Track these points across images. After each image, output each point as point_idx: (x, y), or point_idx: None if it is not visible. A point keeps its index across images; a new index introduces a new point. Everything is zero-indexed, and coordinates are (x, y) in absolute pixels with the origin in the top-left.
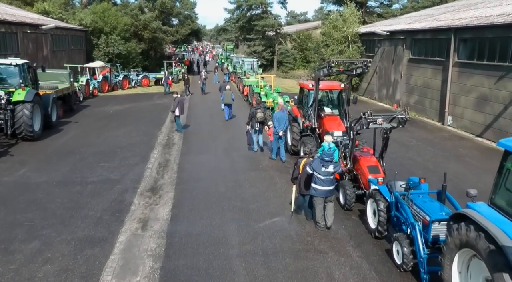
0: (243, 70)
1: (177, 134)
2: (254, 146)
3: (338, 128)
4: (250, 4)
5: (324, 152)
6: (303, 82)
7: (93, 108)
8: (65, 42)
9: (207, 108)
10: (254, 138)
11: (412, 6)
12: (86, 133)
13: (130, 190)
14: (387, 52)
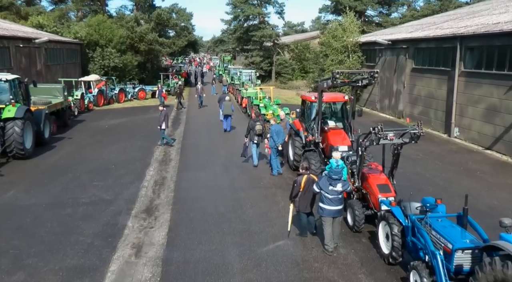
0: (241, 82)
1: (174, 149)
2: (254, 160)
3: (343, 143)
4: (247, 14)
5: (331, 169)
6: (305, 95)
7: (88, 123)
8: (59, 56)
9: (205, 121)
10: (254, 151)
11: (411, 15)
12: (80, 150)
13: (124, 212)
14: (388, 61)
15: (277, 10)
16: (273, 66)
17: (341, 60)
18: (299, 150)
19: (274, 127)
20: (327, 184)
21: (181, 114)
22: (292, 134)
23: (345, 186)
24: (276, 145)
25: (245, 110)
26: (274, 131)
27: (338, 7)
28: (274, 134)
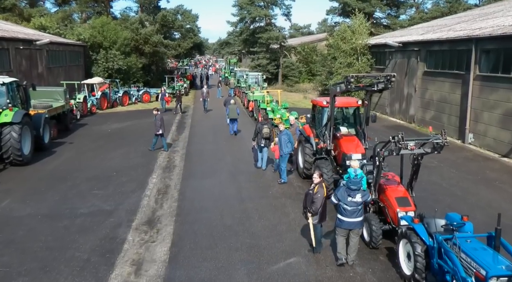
0: (248, 85)
1: (178, 155)
2: (259, 163)
3: (357, 151)
4: (254, 16)
5: (350, 179)
6: (316, 99)
7: (90, 127)
8: (62, 58)
9: (210, 125)
10: (259, 155)
11: (420, 17)
12: (81, 156)
13: (124, 224)
14: (399, 64)
15: (283, 12)
16: (280, 68)
17: (350, 63)
18: (309, 157)
19: (283, 133)
20: (346, 195)
21: (186, 118)
22: (302, 140)
23: (365, 196)
24: (284, 153)
25: (251, 113)
26: (283, 137)
27: (346, 9)
28: (283, 141)
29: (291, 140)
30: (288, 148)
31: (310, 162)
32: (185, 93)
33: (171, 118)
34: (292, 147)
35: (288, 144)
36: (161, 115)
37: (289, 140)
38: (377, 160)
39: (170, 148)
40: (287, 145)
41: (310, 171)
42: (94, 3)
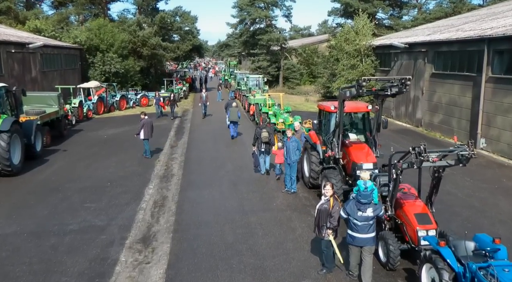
0: (248, 87)
1: (176, 163)
2: (262, 168)
3: (368, 160)
4: (254, 17)
5: (360, 192)
6: (323, 104)
7: (86, 133)
8: (57, 62)
9: (210, 130)
10: (261, 160)
11: (423, 18)
12: (74, 164)
13: (117, 242)
14: (405, 66)
15: (284, 13)
16: (281, 71)
17: (354, 64)
18: (316, 166)
19: (291, 141)
20: (355, 209)
21: (185, 123)
22: (308, 148)
23: (376, 210)
24: (292, 161)
25: (252, 117)
26: (291, 145)
27: (348, 10)
28: (291, 148)
29: (299, 147)
30: (296, 156)
31: (316, 171)
32: (184, 97)
33: (169, 123)
34: (300, 154)
35: (297, 151)
36: (147, 120)
37: (298, 147)
38: (394, 173)
39: (167, 157)
40: (295, 153)
41: (317, 181)
42: (91, 5)
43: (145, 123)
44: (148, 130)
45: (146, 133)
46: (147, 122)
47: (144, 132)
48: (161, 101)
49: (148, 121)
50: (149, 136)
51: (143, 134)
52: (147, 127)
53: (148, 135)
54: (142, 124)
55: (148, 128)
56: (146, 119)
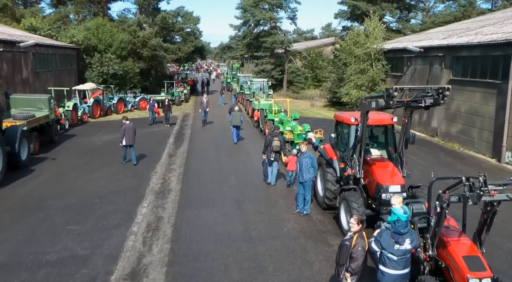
0: (252, 92)
1: (174, 176)
2: (269, 178)
3: (394, 181)
4: (258, 19)
5: (397, 222)
6: (341, 115)
7: (79, 138)
8: (51, 62)
9: (212, 138)
10: (268, 170)
11: (432, 21)
12: (62, 176)
13: (100, 278)
14: (419, 72)
15: (289, 15)
16: (285, 74)
17: (363, 69)
18: (332, 185)
19: (305, 156)
20: (392, 242)
21: (185, 129)
22: (323, 164)
23: (414, 241)
24: (305, 180)
25: (257, 124)
26: (304, 161)
27: (356, 12)
28: (304, 165)
29: (314, 164)
30: (310, 174)
31: (333, 191)
32: (185, 100)
33: (169, 130)
34: (315, 172)
35: (311, 168)
36: (128, 125)
37: (312, 164)
38: (438, 206)
39: (165, 168)
40: (309, 170)
41: (333, 202)
42: (91, 4)
43: (126, 129)
44: (130, 136)
45: (128, 139)
46: (128, 127)
47: (126, 139)
48: (155, 107)
49: (129, 127)
50: (131, 142)
51: (125, 141)
52: (129, 133)
53: (130, 141)
54: (123, 130)
55: (130, 134)
56: (127, 125)
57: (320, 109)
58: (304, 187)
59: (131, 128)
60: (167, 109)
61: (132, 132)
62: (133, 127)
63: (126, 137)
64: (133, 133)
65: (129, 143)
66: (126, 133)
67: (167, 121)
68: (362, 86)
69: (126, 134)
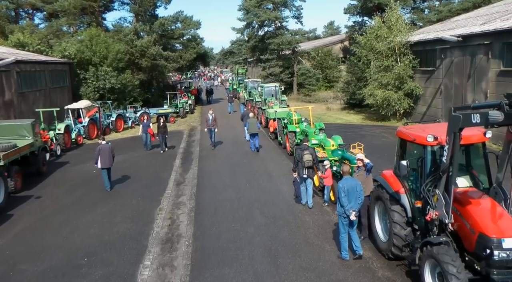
0: (263, 99)
1: (184, 214)
2: (303, 199)
3: (509, 231)
4: (262, 20)
5: None
6: (411, 132)
7: (71, 166)
8: (39, 80)
9: (225, 156)
10: (302, 189)
11: (448, 9)
12: (45, 223)
13: None
14: (457, 64)
15: (294, 14)
16: (295, 76)
17: (388, 66)
18: (401, 229)
19: (345, 181)
20: None
21: (192, 145)
22: (385, 199)
23: None
24: (347, 212)
25: (273, 136)
26: (344, 188)
27: (367, 6)
28: (342, 193)
29: (356, 192)
30: (352, 204)
31: (402, 237)
32: (190, 111)
33: (174, 149)
34: (360, 203)
35: (350, 197)
36: (104, 146)
37: (351, 192)
38: None
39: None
40: (348, 199)
41: (403, 251)
42: (83, 15)
43: (101, 150)
44: (106, 158)
45: (103, 162)
46: (104, 148)
47: (102, 161)
48: (150, 128)
49: (105, 148)
50: (107, 164)
51: (100, 163)
52: (105, 154)
53: (107, 163)
54: (98, 151)
55: (106, 156)
56: (102, 145)
57: (339, 113)
58: (352, 224)
59: (107, 149)
60: (162, 132)
61: (109, 154)
62: (111, 148)
63: (102, 160)
64: (109, 155)
65: (106, 166)
66: (101, 154)
67: (164, 146)
68: (388, 85)
69: (102, 156)
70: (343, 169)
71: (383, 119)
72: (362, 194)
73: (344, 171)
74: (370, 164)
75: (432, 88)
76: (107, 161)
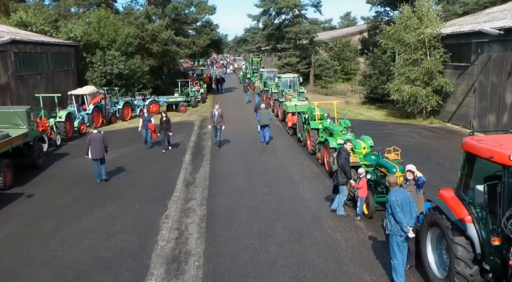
0: (280, 90)
1: (194, 224)
2: (339, 209)
3: None
4: (281, 7)
5: None
6: (488, 147)
7: (71, 159)
8: (41, 63)
9: (239, 153)
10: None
11: (475, 2)
12: (32, 229)
13: None
14: (496, 60)
15: (313, 2)
16: (311, 67)
17: (416, 59)
18: (466, 267)
19: (396, 194)
20: None
21: (204, 139)
22: (444, 227)
23: None
24: (404, 231)
25: (292, 131)
26: (398, 201)
27: None
28: (397, 207)
29: (408, 206)
30: (407, 219)
31: (467, 277)
32: (202, 100)
33: (184, 141)
34: (417, 212)
35: (404, 213)
36: (95, 135)
37: (403, 206)
38: None
39: (180, 207)
40: (403, 213)
41: None
42: None
43: (92, 139)
44: (97, 148)
45: (94, 152)
46: (95, 138)
47: (92, 151)
48: (151, 123)
49: (96, 137)
50: (98, 155)
51: (91, 153)
52: (96, 144)
53: (97, 154)
54: (88, 141)
55: (97, 146)
56: (94, 134)
57: (359, 108)
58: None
59: (98, 138)
60: (165, 128)
61: (101, 144)
62: (102, 137)
63: (92, 150)
64: (101, 144)
65: (97, 156)
66: (92, 144)
67: (167, 144)
68: (416, 80)
69: (92, 146)
70: (390, 179)
71: (408, 116)
72: (415, 206)
73: (391, 182)
74: (422, 178)
75: (465, 85)
76: (98, 151)
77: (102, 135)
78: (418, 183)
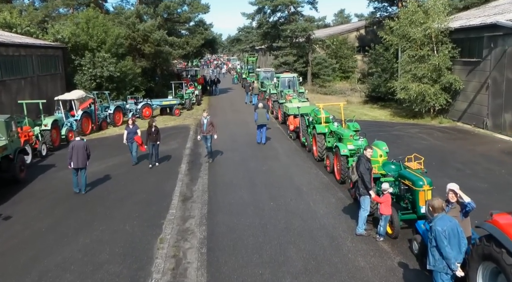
0: (279, 91)
1: (193, 249)
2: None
3: None
4: (276, 4)
5: None
6: None
7: (56, 171)
8: (25, 66)
9: (240, 162)
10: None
11: None
12: (6, 262)
13: None
14: (511, 55)
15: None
16: (309, 66)
17: (423, 55)
18: None
19: (443, 222)
20: None
21: (200, 145)
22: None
23: None
24: (451, 268)
25: (294, 135)
26: (445, 232)
27: None
28: (444, 240)
29: (461, 234)
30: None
31: None
32: (197, 103)
33: (179, 148)
34: (466, 246)
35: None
36: (78, 142)
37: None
38: None
39: (177, 229)
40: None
41: None
42: None
43: (74, 147)
44: (79, 157)
45: (75, 161)
46: (78, 145)
47: (74, 160)
48: (137, 135)
49: (79, 144)
50: (80, 164)
51: (73, 163)
52: (78, 152)
53: (79, 163)
54: (71, 148)
55: (80, 154)
56: (76, 142)
57: (361, 108)
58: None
59: (81, 146)
60: (154, 139)
61: (83, 152)
62: (85, 145)
63: (74, 158)
64: (84, 153)
65: (79, 166)
66: (74, 152)
67: (154, 157)
68: (423, 78)
69: (74, 154)
70: (434, 204)
71: (415, 116)
72: (464, 237)
73: (436, 207)
74: (472, 204)
75: (476, 82)
76: (80, 159)
77: (84, 143)
78: (466, 209)
